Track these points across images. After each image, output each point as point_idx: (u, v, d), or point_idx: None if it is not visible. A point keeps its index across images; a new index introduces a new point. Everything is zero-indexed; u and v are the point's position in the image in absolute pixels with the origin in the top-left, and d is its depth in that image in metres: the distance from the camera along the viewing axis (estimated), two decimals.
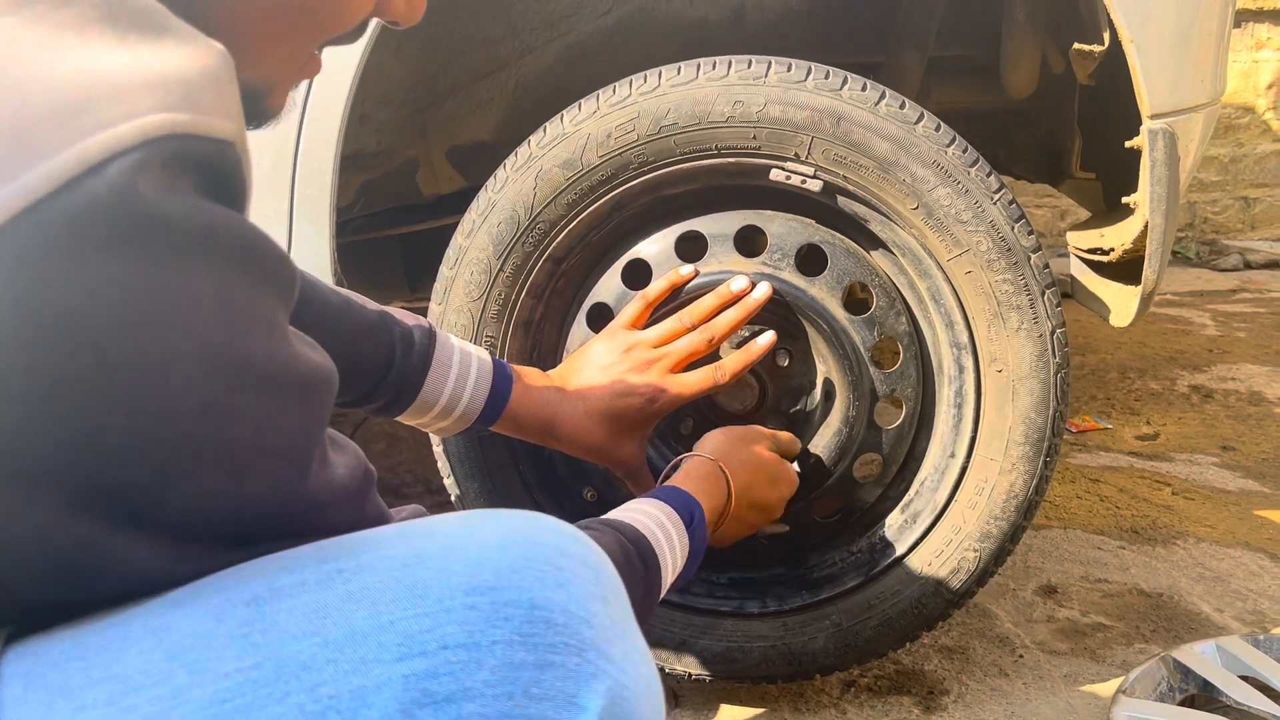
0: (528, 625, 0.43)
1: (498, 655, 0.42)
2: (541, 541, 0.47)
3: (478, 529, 0.48)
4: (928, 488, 1.18)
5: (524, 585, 0.44)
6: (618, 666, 0.45)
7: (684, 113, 1.08)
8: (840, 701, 1.27)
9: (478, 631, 0.42)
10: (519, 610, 0.43)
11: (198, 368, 0.41)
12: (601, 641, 0.45)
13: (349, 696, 0.40)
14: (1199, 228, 4.51)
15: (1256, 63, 4.31)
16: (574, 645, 0.44)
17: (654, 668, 0.49)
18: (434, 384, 0.99)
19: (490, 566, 0.44)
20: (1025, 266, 1.07)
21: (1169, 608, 1.48)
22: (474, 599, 0.43)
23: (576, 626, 0.44)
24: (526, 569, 0.45)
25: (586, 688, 0.43)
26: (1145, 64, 1.08)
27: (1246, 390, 2.52)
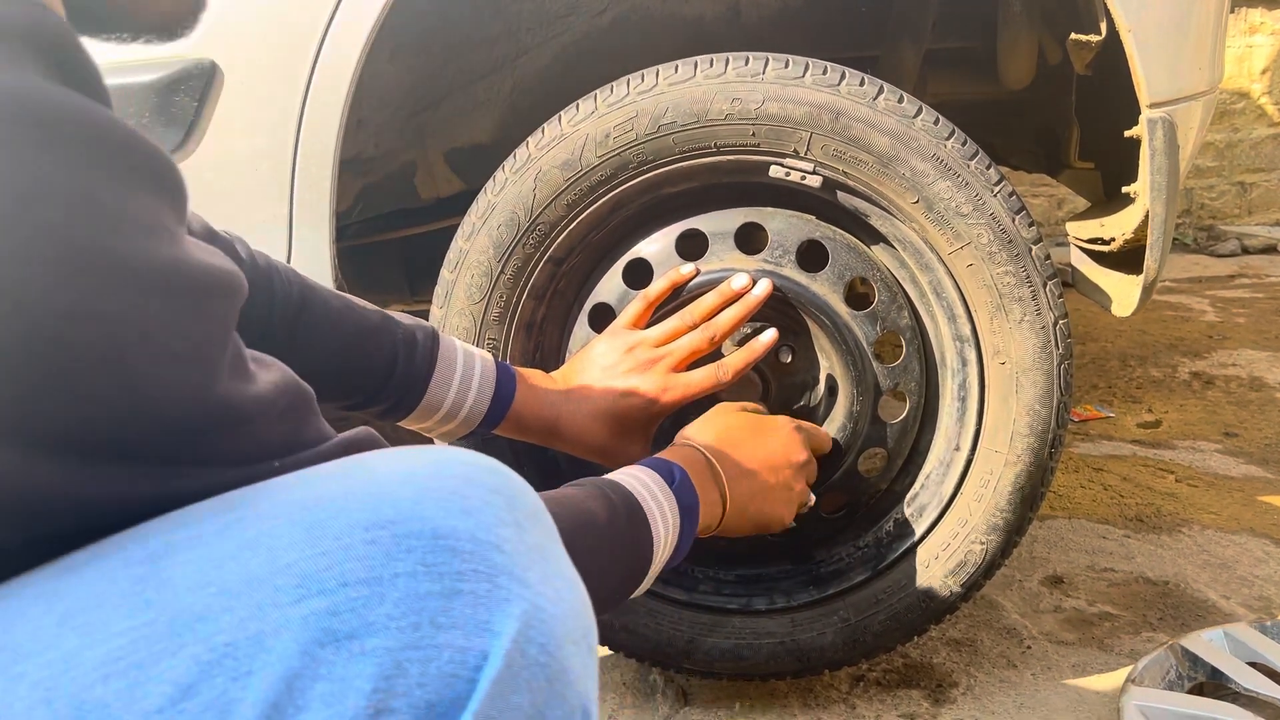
0: (431, 555, 0.42)
1: (400, 588, 0.41)
2: (447, 473, 0.46)
3: (382, 467, 0.47)
4: (933, 481, 1.18)
5: (426, 516, 0.43)
6: (534, 590, 0.44)
7: (682, 111, 1.08)
8: (849, 696, 1.27)
9: (378, 566, 0.41)
10: (421, 541, 0.42)
11: (59, 269, 0.38)
12: (514, 566, 0.44)
13: (246, 643, 0.39)
14: (1196, 214, 4.51)
15: (1250, 47, 4.31)
16: (483, 571, 0.43)
17: (581, 592, 0.49)
18: (438, 387, 0.99)
19: (390, 501, 0.44)
20: (1027, 258, 1.07)
21: (1175, 596, 1.48)
22: (374, 534, 0.42)
23: (485, 553, 0.43)
24: (428, 500, 0.44)
25: (499, 612, 0.42)
26: (1143, 53, 1.08)
27: (1247, 376, 2.52)
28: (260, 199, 1.17)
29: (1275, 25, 4.26)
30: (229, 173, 1.16)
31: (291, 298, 0.90)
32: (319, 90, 1.13)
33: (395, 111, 1.50)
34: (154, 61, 1.13)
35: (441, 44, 1.47)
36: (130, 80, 1.13)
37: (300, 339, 0.90)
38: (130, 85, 1.12)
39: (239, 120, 1.14)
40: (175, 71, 1.12)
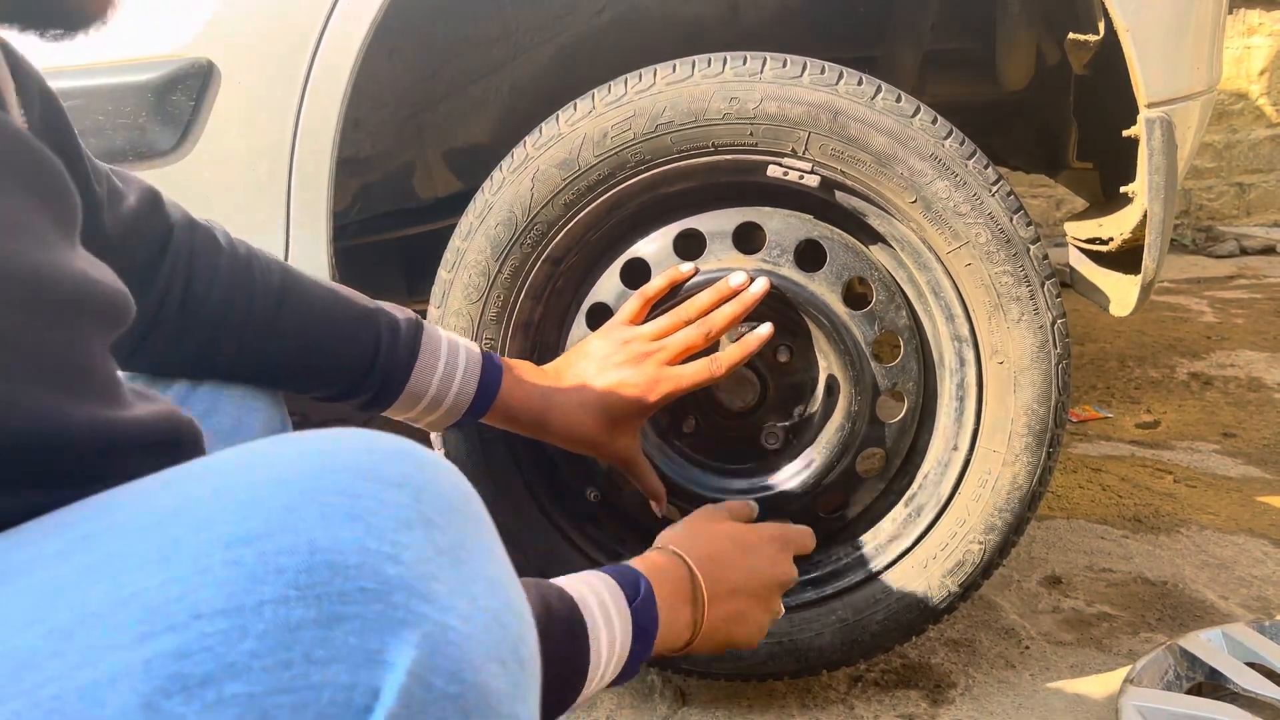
0: (306, 575, 0.35)
1: (267, 618, 0.34)
2: (336, 467, 0.39)
3: (260, 462, 0.40)
4: (931, 481, 1.17)
5: (301, 526, 0.36)
6: (440, 605, 0.37)
7: (680, 110, 1.08)
8: (848, 697, 1.27)
9: (240, 592, 0.35)
10: (294, 558, 0.35)
11: None
12: (414, 578, 0.37)
13: (76, 696, 0.33)
14: (1194, 214, 4.51)
15: (1249, 48, 4.31)
16: (373, 590, 0.36)
17: (509, 596, 0.42)
18: (422, 373, 0.97)
19: (260, 509, 0.37)
20: (1025, 258, 1.07)
21: (1174, 596, 1.48)
22: (236, 552, 0.35)
23: (376, 565, 0.37)
24: (306, 505, 0.37)
25: (394, 638, 0.36)
26: (1141, 53, 1.08)
27: (1246, 376, 2.52)
28: (257, 198, 1.16)
29: (1273, 26, 4.27)
30: (226, 172, 1.16)
31: (272, 286, 0.89)
32: (316, 90, 1.13)
33: (393, 111, 1.50)
34: (150, 61, 1.13)
35: (439, 44, 1.47)
36: (126, 79, 1.12)
37: (282, 327, 0.89)
38: (126, 84, 1.12)
39: (236, 119, 1.14)
40: (172, 71, 1.12)
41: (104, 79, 1.12)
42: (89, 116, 1.12)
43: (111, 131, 1.13)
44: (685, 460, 1.19)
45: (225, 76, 1.13)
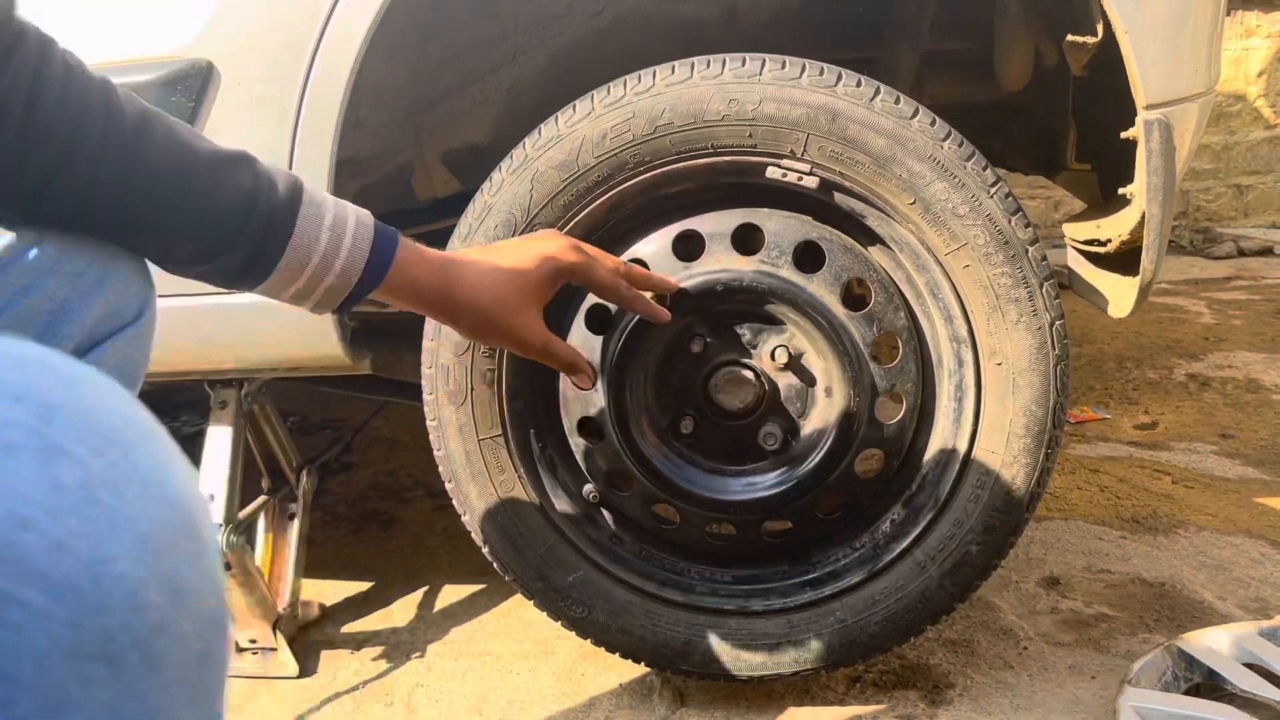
0: None
1: None
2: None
3: None
4: (929, 482, 1.18)
5: None
6: (14, 568, 0.28)
7: (679, 112, 1.08)
8: (846, 697, 1.27)
9: None
10: None
11: None
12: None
13: None
14: (1192, 216, 4.51)
15: (1247, 50, 4.32)
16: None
17: (166, 568, 0.31)
18: (307, 228, 0.81)
19: None
20: (1023, 259, 1.07)
21: (1172, 597, 1.49)
22: None
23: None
24: None
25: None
26: (1140, 55, 1.08)
27: (1244, 378, 2.52)
28: None
29: (1271, 28, 4.27)
30: None
31: (133, 110, 0.75)
32: (316, 91, 1.13)
33: (392, 112, 1.50)
34: (149, 61, 1.13)
35: (438, 45, 1.47)
36: (125, 80, 1.12)
37: (144, 157, 0.75)
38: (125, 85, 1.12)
39: (235, 120, 1.14)
40: (171, 71, 1.12)
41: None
42: None
43: None
44: (683, 460, 1.19)
45: (224, 77, 1.13)
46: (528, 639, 1.46)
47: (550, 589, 1.21)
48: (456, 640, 1.48)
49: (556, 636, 1.44)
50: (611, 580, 1.21)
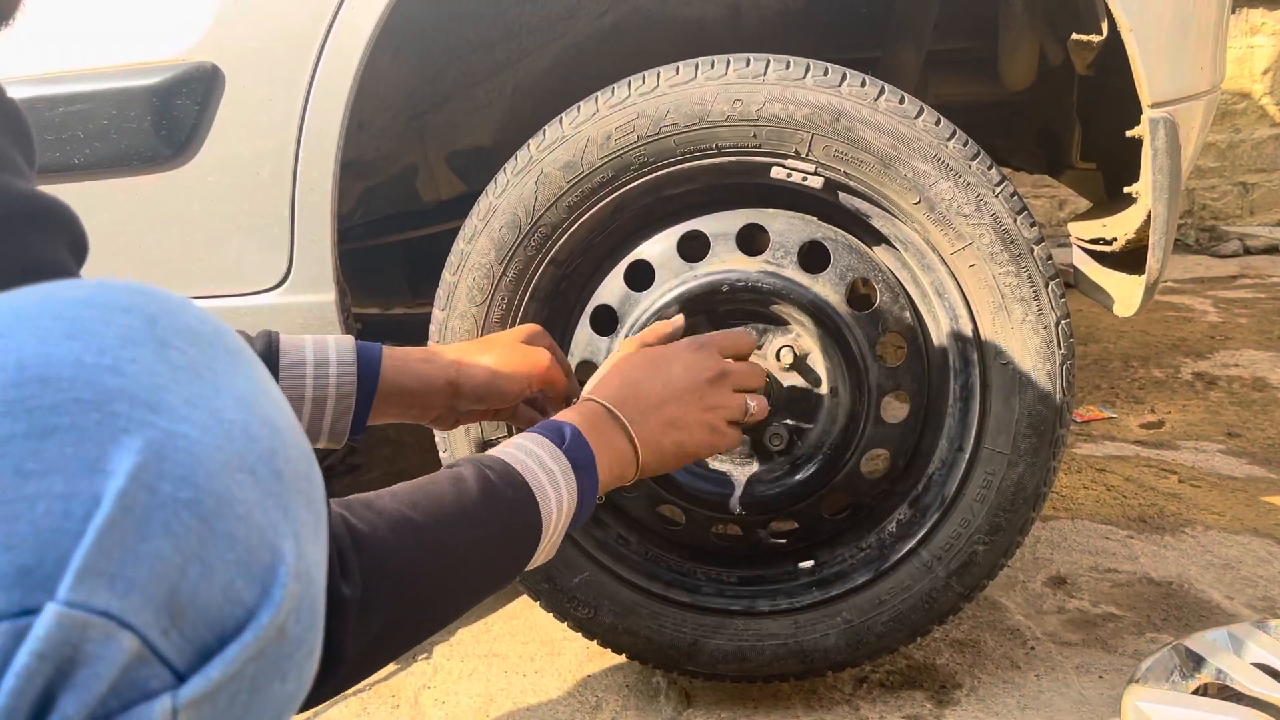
0: (14, 390, 0.35)
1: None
2: (56, 296, 0.39)
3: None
4: (935, 482, 1.17)
5: (10, 346, 0.36)
6: (169, 415, 0.37)
7: (683, 113, 1.08)
8: (853, 698, 1.27)
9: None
10: (2, 374, 0.35)
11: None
12: (139, 389, 0.37)
13: None
14: (1198, 214, 4.50)
15: (1252, 48, 4.30)
16: (89, 400, 0.35)
17: (264, 414, 0.41)
18: (290, 363, 0.89)
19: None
20: (1028, 259, 1.07)
21: (1179, 596, 1.48)
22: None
23: (94, 377, 0.36)
24: (19, 330, 0.36)
25: (115, 446, 0.35)
26: (1144, 53, 1.08)
27: (1250, 376, 2.51)
28: (262, 202, 1.17)
29: (1276, 26, 4.26)
30: (231, 175, 1.16)
31: None
32: (320, 93, 1.13)
33: (396, 114, 1.50)
34: (155, 65, 1.13)
35: (442, 47, 1.47)
36: (131, 84, 1.13)
37: None
38: (131, 89, 1.13)
39: (241, 123, 1.15)
40: (177, 75, 1.13)
41: (109, 83, 1.13)
42: (94, 121, 1.13)
43: (116, 136, 1.13)
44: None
45: (230, 80, 1.13)
46: (534, 640, 1.46)
47: (556, 590, 1.21)
48: (463, 642, 1.48)
49: (563, 638, 1.44)
50: (618, 581, 1.21)
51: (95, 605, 0.34)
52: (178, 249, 1.20)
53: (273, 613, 0.38)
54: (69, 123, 1.13)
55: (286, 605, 0.39)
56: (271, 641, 0.38)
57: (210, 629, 0.37)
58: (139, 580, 0.35)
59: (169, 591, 0.36)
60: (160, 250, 1.20)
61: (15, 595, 0.33)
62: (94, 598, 0.34)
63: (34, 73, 1.15)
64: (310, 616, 0.41)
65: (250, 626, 0.38)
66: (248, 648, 0.37)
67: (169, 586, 0.35)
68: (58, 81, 1.14)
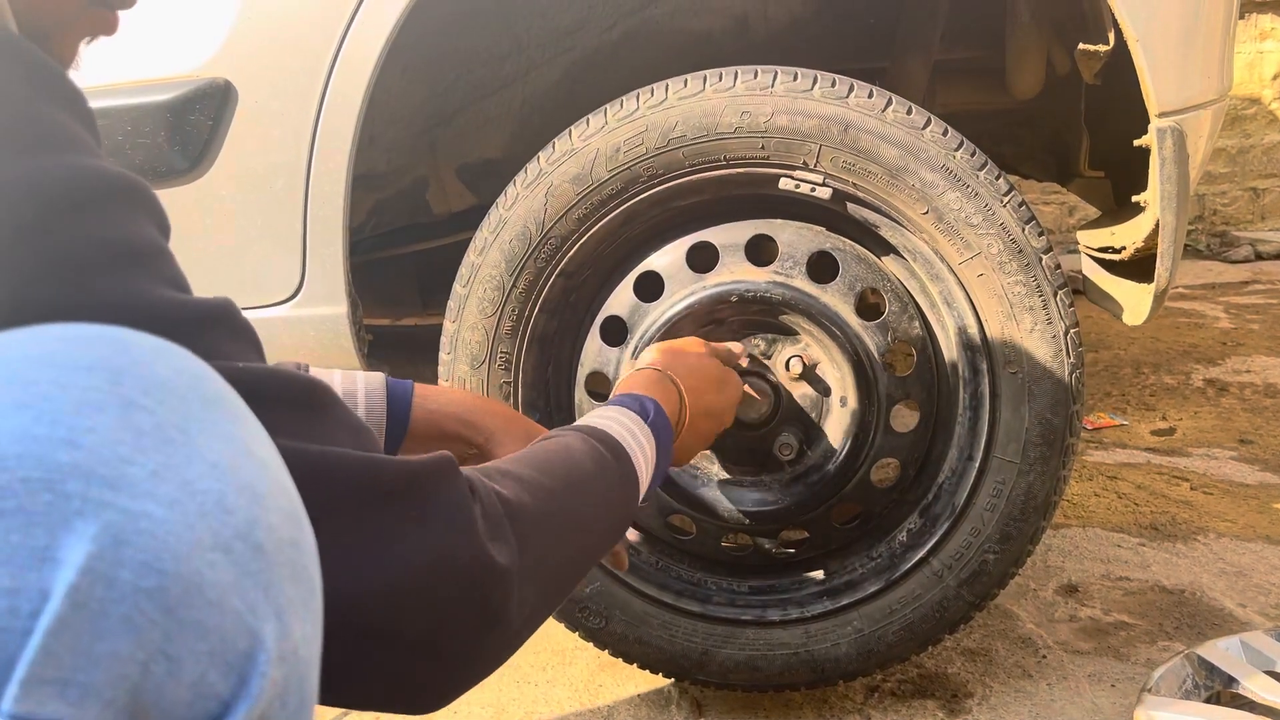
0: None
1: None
2: (8, 355, 0.35)
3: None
4: (945, 491, 1.18)
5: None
6: (129, 491, 0.33)
7: (692, 125, 1.09)
8: (864, 707, 1.27)
9: None
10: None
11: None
12: (95, 463, 0.33)
13: None
14: (1208, 220, 4.49)
15: (1261, 54, 4.30)
16: (38, 479, 0.32)
17: (241, 480, 0.37)
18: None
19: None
20: (1037, 268, 1.08)
21: (1191, 604, 1.48)
22: None
23: (45, 452, 0.32)
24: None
25: (66, 531, 0.32)
26: (1151, 62, 1.08)
27: (1262, 382, 2.51)
28: (275, 215, 1.18)
29: None
30: (244, 189, 1.17)
31: None
32: (332, 107, 1.14)
33: (407, 127, 1.51)
34: (169, 81, 1.15)
35: (452, 61, 1.48)
36: (145, 100, 1.14)
37: None
38: (145, 105, 1.14)
39: (253, 138, 1.16)
40: (190, 90, 1.14)
41: (124, 99, 1.14)
42: (109, 137, 1.14)
43: (131, 151, 1.14)
44: (699, 471, 1.19)
45: (243, 96, 1.15)
46: (545, 649, 1.46)
47: (568, 600, 1.21)
48: None
49: (574, 647, 1.44)
50: (629, 591, 1.21)
51: (44, 716, 0.31)
52: (191, 263, 1.19)
53: (250, 705, 0.35)
54: None
55: (268, 693, 0.36)
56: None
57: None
58: (93, 684, 0.32)
59: (130, 694, 0.32)
60: None
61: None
62: (42, 708, 0.31)
63: None
64: (299, 698, 0.38)
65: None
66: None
67: (129, 688, 0.32)
68: None
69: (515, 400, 1.18)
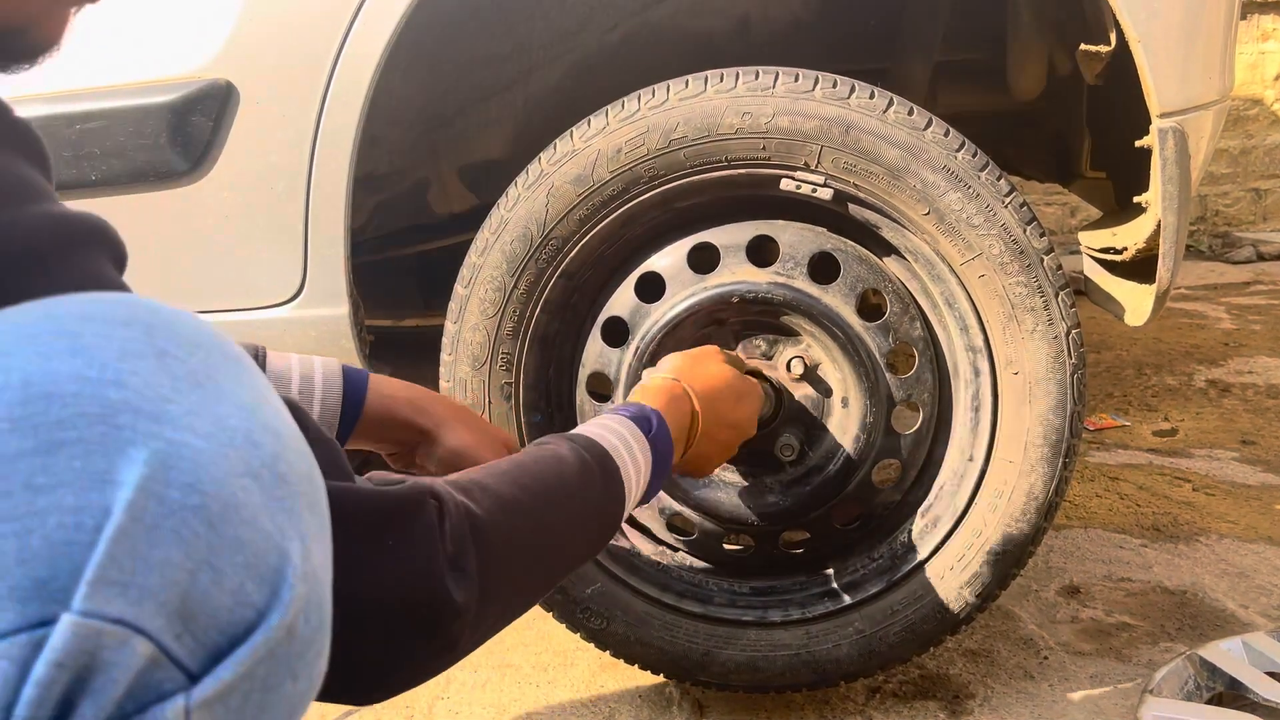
0: (20, 408, 0.36)
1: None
2: (56, 314, 0.40)
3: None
4: (947, 492, 1.18)
5: (14, 365, 0.37)
6: (173, 425, 0.38)
7: (693, 126, 1.09)
8: (866, 708, 1.27)
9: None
10: (6, 395, 0.36)
11: None
12: (141, 401, 0.38)
13: None
14: (1210, 220, 4.49)
15: (1263, 54, 4.30)
16: (94, 414, 0.36)
17: (265, 420, 0.42)
18: (276, 384, 0.86)
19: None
20: (1038, 269, 1.07)
21: (1193, 605, 1.48)
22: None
23: (97, 391, 0.37)
24: (21, 348, 0.38)
25: (121, 457, 0.36)
26: (1153, 63, 1.08)
27: (1264, 383, 2.50)
28: (276, 216, 1.18)
29: None
30: (245, 191, 1.17)
31: None
32: (334, 108, 1.14)
33: (408, 129, 1.51)
34: (171, 82, 1.15)
35: (454, 62, 1.48)
36: (147, 101, 1.14)
37: None
38: (147, 106, 1.14)
39: (255, 139, 1.16)
40: (192, 92, 1.14)
41: (126, 101, 1.14)
42: (111, 138, 1.14)
43: (133, 152, 1.15)
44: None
45: (244, 97, 1.15)
46: (547, 651, 1.46)
47: (569, 601, 1.21)
48: (475, 653, 1.48)
49: (575, 648, 1.44)
50: (630, 592, 1.21)
51: (109, 613, 0.35)
52: (193, 264, 1.21)
53: (281, 614, 0.39)
54: (86, 140, 1.15)
55: (295, 606, 0.40)
56: (281, 642, 0.39)
57: (221, 631, 0.38)
58: (151, 587, 0.36)
59: (180, 597, 0.36)
60: (175, 265, 1.21)
61: (32, 608, 0.34)
62: (108, 606, 0.35)
63: (51, 90, 1.16)
64: (318, 617, 0.42)
65: (260, 628, 0.39)
66: (258, 648, 0.38)
67: (180, 592, 0.36)
68: (75, 99, 1.16)
69: (516, 401, 1.18)
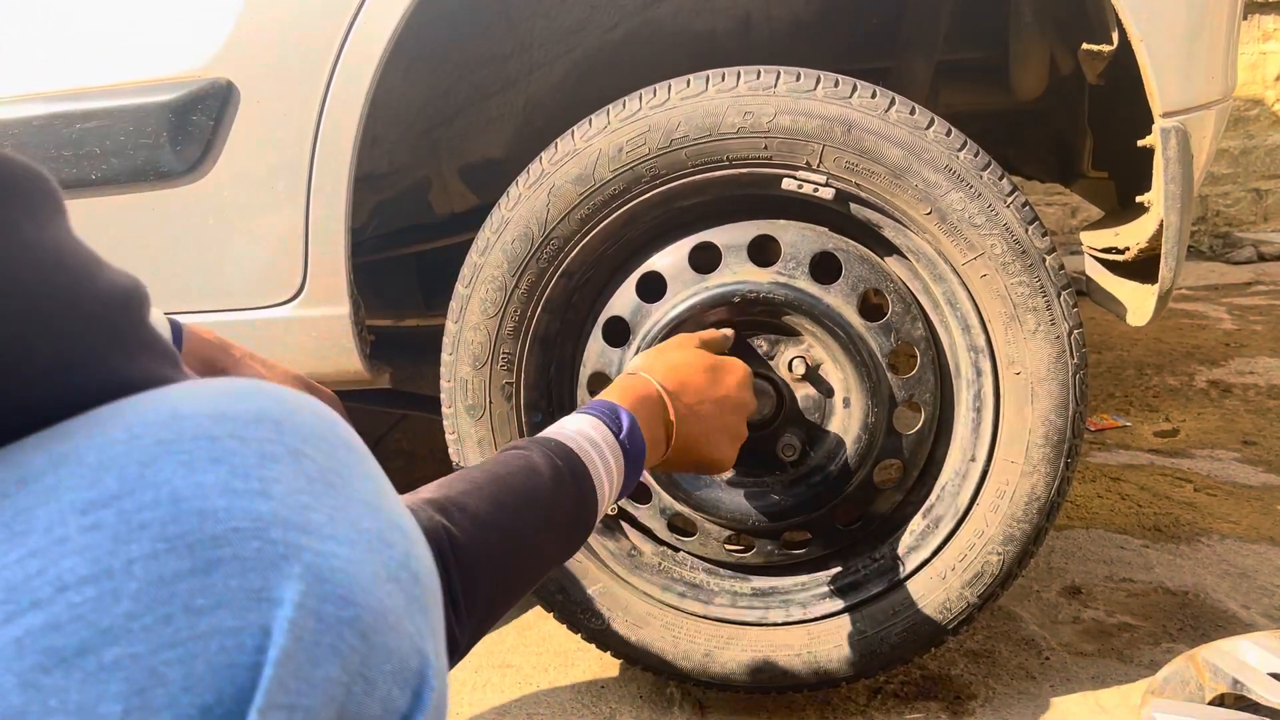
0: (174, 526, 0.34)
1: (138, 576, 0.33)
2: (185, 413, 0.38)
3: (107, 425, 0.37)
4: (949, 492, 1.17)
5: (160, 479, 0.35)
6: (320, 534, 0.37)
7: (694, 125, 1.08)
8: (867, 709, 1.27)
9: (105, 556, 0.33)
10: (158, 511, 0.34)
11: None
12: (288, 511, 0.36)
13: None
14: (1211, 221, 4.49)
15: (1264, 54, 4.29)
16: (247, 529, 0.35)
17: (390, 517, 0.41)
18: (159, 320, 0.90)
19: (114, 470, 0.35)
20: (1040, 268, 1.07)
21: (1195, 606, 1.47)
22: (94, 516, 0.34)
23: (247, 504, 0.36)
24: (163, 458, 0.36)
25: (277, 573, 0.35)
26: (1155, 62, 1.08)
27: (1265, 384, 2.50)
28: (277, 216, 1.18)
29: None
30: (246, 190, 1.17)
31: None
32: (334, 108, 1.14)
33: (409, 128, 1.51)
34: (171, 81, 1.15)
35: (455, 61, 1.48)
36: (147, 100, 1.14)
37: None
38: (147, 105, 1.14)
39: (255, 138, 1.16)
40: (192, 91, 1.14)
41: (126, 100, 1.14)
42: (111, 137, 1.14)
43: (133, 151, 1.14)
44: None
45: (244, 96, 1.15)
46: (548, 652, 1.46)
47: (570, 601, 1.21)
48: (476, 653, 1.48)
49: (576, 649, 1.44)
50: (631, 592, 1.21)
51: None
52: (193, 264, 1.21)
53: (422, 714, 0.39)
54: (86, 139, 1.15)
55: (433, 706, 0.40)
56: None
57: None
58: (314, 707, 0.35)
59: (337, 714, 0.36)
60: (176, 265, 1.21)
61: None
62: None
63: (51, 89, 1.16)
64: (444, 709, 0.42)
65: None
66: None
67: (338, 708, 0.36)
68: (75, 98, 1.15)
69: (517, 400, 1.18)
